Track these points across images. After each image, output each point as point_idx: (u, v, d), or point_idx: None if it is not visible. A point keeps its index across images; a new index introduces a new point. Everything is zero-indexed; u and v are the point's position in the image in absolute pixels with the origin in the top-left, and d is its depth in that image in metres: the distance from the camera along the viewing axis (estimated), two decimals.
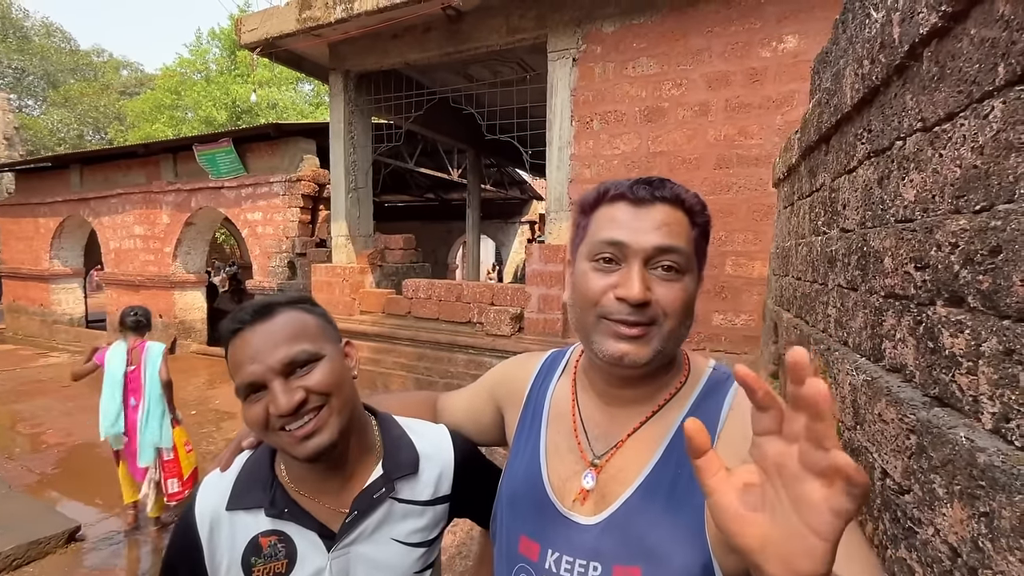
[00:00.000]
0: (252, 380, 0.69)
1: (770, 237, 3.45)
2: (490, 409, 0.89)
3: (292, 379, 0.70)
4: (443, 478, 0.84)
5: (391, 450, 0.82)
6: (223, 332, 0.74)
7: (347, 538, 0.75)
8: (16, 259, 10.77)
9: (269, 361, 0.69)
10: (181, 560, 0.76)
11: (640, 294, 0.61)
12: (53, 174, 10.11)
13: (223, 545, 0.74)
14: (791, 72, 3.42)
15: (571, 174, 4.27)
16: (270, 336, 0.71)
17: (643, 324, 0.63)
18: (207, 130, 13.93)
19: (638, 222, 0.64)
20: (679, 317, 0.64)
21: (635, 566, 0.61)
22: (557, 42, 4.23)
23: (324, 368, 0.72)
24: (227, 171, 7.88)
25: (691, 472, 0.62)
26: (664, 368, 0.70)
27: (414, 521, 0.80)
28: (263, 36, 5.13)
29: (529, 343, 4.38)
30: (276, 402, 0.68)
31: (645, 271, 0.63)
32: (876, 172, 1.11)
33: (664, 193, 0.65)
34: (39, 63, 26.47)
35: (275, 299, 0.76)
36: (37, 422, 5.55)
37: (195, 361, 8.32)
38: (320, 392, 0.71)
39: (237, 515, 0.75)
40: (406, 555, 0.79)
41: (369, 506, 0.77)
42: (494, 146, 8.06)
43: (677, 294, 0.63)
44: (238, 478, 0.78)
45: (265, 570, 0.73)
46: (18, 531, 3.17)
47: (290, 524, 0.74)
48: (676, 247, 0.63)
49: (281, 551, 0.74)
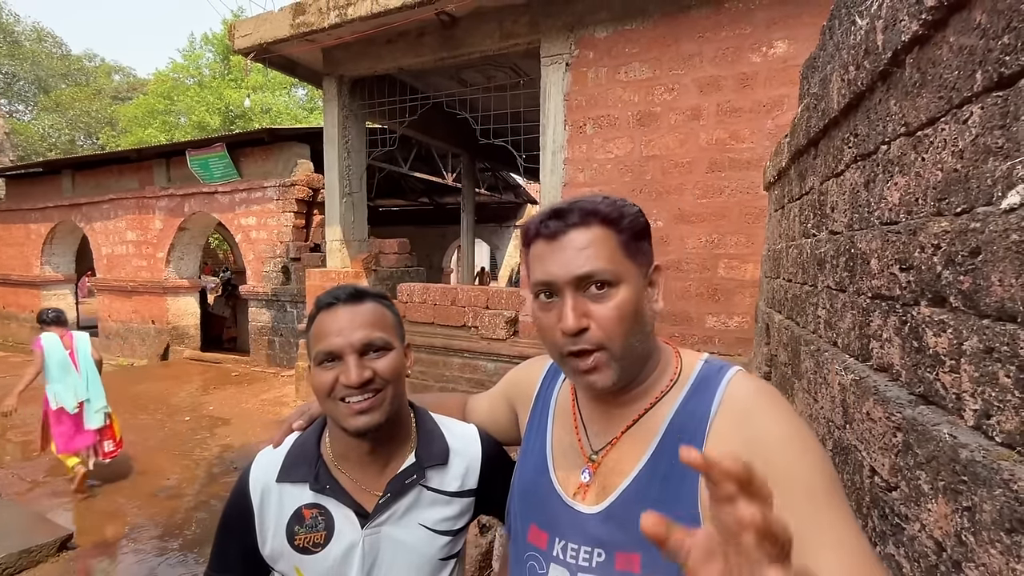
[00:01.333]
0: (332, 349, 0.78)
1: (762, 240, 3.48)
2: (506, 410, 0.95)
3: (365, 359, 0.79)
4: (470, 472, 0.90)
5: (424, 441, 0.89)
6: (318, 304, 0.83)
7: (379, 518, 0.82)
8: (6, 265, 10.68)
9: (351, 338, 0.79)
10: (235, 521, 0.85)
11: (572, 324, 0.64)
12: (44, 180, 10.05)
13: (271, 512, 0.83)
14: (781, 77, 3.46)
15: (565, 178, 4.29)
16: (356, 317, 0.81)
17: (591, 351, 0.65)
18: (200, 135, 13.87)
19: (556, 255, 0.67)
20: (622, 330, 0.65)
21: (635, 552, 0.65)
22: (550, 47, 4.27)
23: (391, 358, 0.82)
24: (221, 176, 7.86)
25: (683, 465, 0.65)
26: (650, 370, 0.72)
27: (441, 510, 0.87)
28: (257, 41, 5.13)
29: (524, 347, 4.39)
30: (348, 373, 0.77)
31: (579, 297, 0.65)
32: (863, 175, 1.13)
33: (572, 220, 0.67)
34: (30, 68, 26.30)
35: (366, 288, 0.86)
36: (27, 429, 5.48)
37: (188, 367, 8.27)
38: (383, 377, 0.80)
39: (285, 487, 0.84)
40: (432, 541, 0.85)
41: (401, 490, 0.84)
42: (488, 150, 8.10)
43: (611, 311, 0.65)
44: (288, 454, 0.87)
45: (306, 539, 0.81)
46: (9, 539, 3.14)
47: (330, 500, 0.82)
48: (595, 270, 0.65)
49: (321, 523, 0.82)
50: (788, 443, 0.62)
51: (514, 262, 13.93)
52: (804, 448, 0.61)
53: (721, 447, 0.64)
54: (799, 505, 0.58)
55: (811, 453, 0.61)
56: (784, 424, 0.63)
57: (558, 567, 0.70)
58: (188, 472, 4.48)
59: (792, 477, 0.60)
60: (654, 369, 0.73)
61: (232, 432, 5.42)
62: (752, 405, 0.66)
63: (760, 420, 0.64)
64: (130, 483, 4.26)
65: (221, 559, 0.88)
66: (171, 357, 8.79)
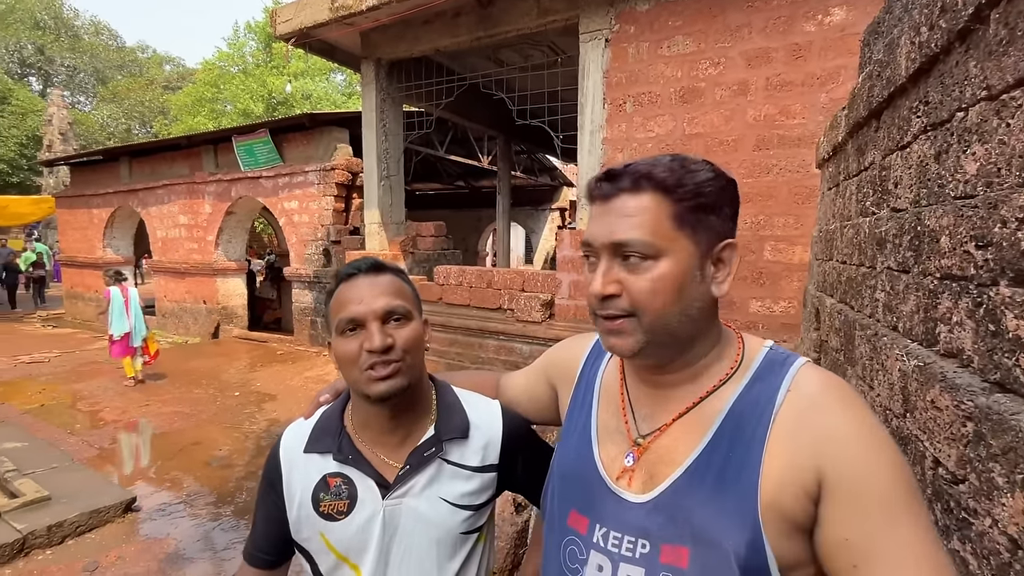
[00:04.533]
0: (354, 316, 0.80)
1: (812, 221, 3.31)
2: (545, 388, 0.93)
3: (386, 327, 0.81)
4: (490, 447, 0.90)
5: (444, 414, 0.90)
6: (338, 275, 0.86)
7: (400, 489, 0.84)
8: (73, 248, 11.41)
9: (374, 305, 0.81)
10: (267, 490, 0.90)
11: (598, 288, 0.64)
12: (104, 167, 10.62)
13: (298, 479, 0.86)
14: (837, 47, 3.25)
15: (603, 158, 4.19)
16: (377, 286, 0.83)
17: (617, 316, 0.64)
18: (245, 122, 14.31)
19: (601, 218, 0.65)
20: (654, 304, 0.62)
21: (683, 546, 0.61)
22: (589, 23, 4.14)
23: (411, 328, 0.84)
24: (264, 161, 8.10)
25: (742, 455, 0.62)
26: (705, 351, 0.68)
27: (462, 484, 0.87)
28: (297, 26, 5.21)
29: (560, 330, 4.37)
30: (371, 339, 0.79)
31: (613, 264, 0.64)
32: (933, 147, 1.04)
33: (623, 183, 0.64)
34: (89, 61, 27.70)
35: (384, 262, 0.88)
36: (95, 400, 5.91)
37: (237, 345, 8.67)
38: (402, 347, 0.81)
39: (311, 457, 0.87)
40: (452, 515, 0.86)
41: (420, 462, 0.85)
42: (525, 132, 8.00)
43: (643, 283, 0.62)
44: (315, 426, 0.90)
45: (330, 506, 0.84)
46: (81, 501, 3.40)
47: (353, 470, 0.85)
48: (630, 240, 0.62)
49: (344, 492, 0.84)
50: (862, 444, 0.57)
51: (549, 246, 13.84)
52: (880, 450, 0.57)
53: (786, 442, 0.60)
54: (873, 515, 0.55)
55: (887, 456, 0.57)
56: (857, 422, 0.58)
57: (599, 554, 0.67)
58: (238, 444, 4.72)
59: (866, 483, 0.55)
60: (708, 352, 0.68)
61: (278, 407, 5.67)
62: (822, 399, 0.61)
63: (831, 416, 0.59)
64: (186, 453, 4.53)
65: (257, 530, 0.92)
66: (221, 336, 9.23)
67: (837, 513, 0.56)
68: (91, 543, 3.17)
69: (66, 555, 3.04)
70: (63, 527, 3.16)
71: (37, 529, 3.07)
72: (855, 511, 0.55)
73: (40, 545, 3.06)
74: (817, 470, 0.57)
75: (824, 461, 0.57)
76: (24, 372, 7.07)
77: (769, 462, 0.59)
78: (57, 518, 3.17)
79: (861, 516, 0.55)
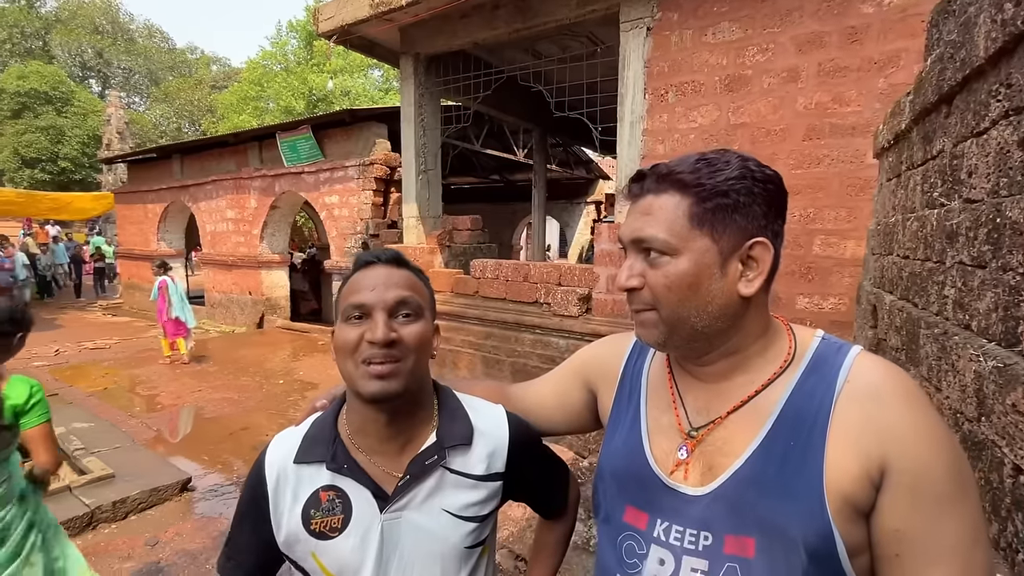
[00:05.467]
0: (362, 302, 0.76)
1: (867, 213, 3.16)
2: (580, 392, 0.90)
3: (394, 320, 0.76)
4: (496, 455, 0.84)
5: (446, 421, 0.84)
6: (356, 262, 0.82)
7: (399, 501, 0.78)
8: (130, 241, 12.06)
9: (384, 295, 0.76)
10: (249, 507, 0.83)
11: (622, 281, 0.68)
12: (158, 164, 11.15)
13: (287, 496, 0.80)
14: (898, 29, 3.07)
15: (643, 150, 4.11)
16: (392, 277, 0.79)
17: (641, 310, 0.68)
18: (287, 119, 14.72)
19: (630, 217, 0.69)
20: (670, 299, 0.65)
21: (749, 536, 0.62)
22: (630, 11, 4.05)
23: (420, 326, 0.78)
24: (307, 157, 8.32)
25: (804, 445, 0.62)
26: (751, 341, 0.68)
27: (466, 494, 0.81)
28: (339, 24, 5.31)
29: (597, 324, 4.33)
30: (375, 329, 0.73)
31: (638, 259, 0.68)
32: (1016, 133, 0.97)
33: (648, 184, 0.68)
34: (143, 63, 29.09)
35: (407, 260, 0.85)
36: (151, 385, 6.25)
37: (280, 335, 8.98)
38: (407, 345, 0.76)
39: (302, 469, 0.80)
40: (456, 528, 0.80)
41: (421, 472, 0.79)
42: (561, 124, 7.93)
43: (659, 279, 0.65)
44: (306, 434, 0.83)
45: (322, 523, 0.77)
46: (142, 479, 3.61)
47: (348, 480, 0.78)
48: (646, 237, 0.65)
49: (338, 506, 0.78)
50: (921, 437, 0.57)
51: (584, 239, 13.71)
52: (939, 444, 0.57)
53: (848, 431, 0.60)
54: (923, 509, 0.56)
55: (946, 451, 0.57)
56: (917, 414, 0.59)
57: (660, 549, 0.68)
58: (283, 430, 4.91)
59: (922, 477, 0.56)
60: (751, 345, 0.69)
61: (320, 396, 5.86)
62: (881, 389, 0.60)
63: (890, 407, 0.59)
64: (235, 438, 4.74)
65: (234, 545, 0.85)
66: (265, 326, 9.58)
67: (894, 503, 0.57)
68: (151, 519, 3.37)
69: (129, 529, 3.25)
70: (126, 503, 3.37)
71: (103, 504, 3.28)
72: (909, 503, 0.57)
73: (106, 519, 3.28)
74: (881, 459, 0.58)
75: (889, 451, 0.58)
76: (89, 357, 7.55)
77: (832, 451, 0.60)
78: (121, 495, 3.39)
79: (913, 509, 0.56)
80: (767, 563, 0.60)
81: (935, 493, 0.56)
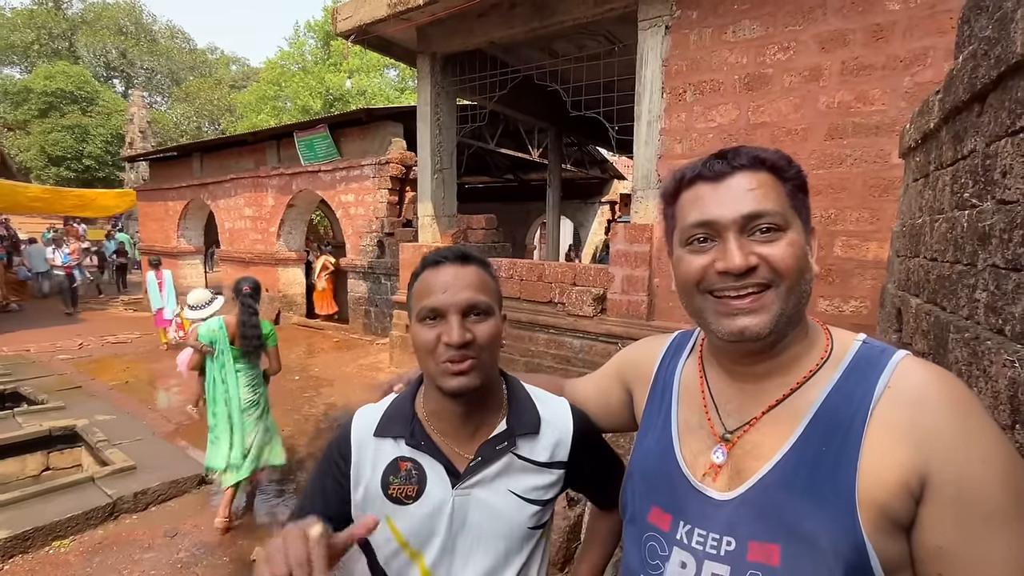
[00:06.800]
0: (436, 306, 0.79)
1: (890, 215, 3.10)
2: (619, 391, 0.92)
3: (466, 320, 0.80)
4: (560, 445, 0.89)
5: (516, 409, 0.89)
6: (424, 260, 0.85)
7: (470, 480, 0.83)
8: (152, 238, 12.30)
9: (457, 297, 0.79)
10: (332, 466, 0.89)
11: (741, 261, 0.61)
12: (178, 162, 11.36)
13: (367, 462, 0.86)
14: (925, 26, 3.00)
15: (660, 150, 4.08)
16: (463, 278, 0.81)
17: (754, 292, 0.61)
18: (304, 118, 14.90)
19: (721, 196, 0.64)
20: (793, 273, 0.61)
21: (774, 543, 0.59)
22: (648, 9, 4.02)
23: (491, 324, 0.82)
24: (323, 156, 8.40)
25: (837, 449, 0.59)
26: (795, 341, 0.66)
27: (531, 478, 0.86)
28: (357, 23, 5.35)
29: (611, 325, 4.31)
30: (450, 332, 0.78)
31: (743, 239, 0.62)
32: None
33: (740, 161, 0.64)
34: (165, 63, 29.62)
35: (472, 252, 0.87)
36: (170, 378, 6.36)
37: (296, 332, 9.08)
38: (481, 343, 0.80)
39: (381, 441, 0.87)
40: (521, 509, 0.85)
41: (492, 455, 0.84)
42: (577, 124, 7.90)
43: (784, 249, 0.61)
44: (386, 412, 0.90)
45: (399, 489, 0.83)
46: (162, 471, 3.68)
47: (424, 456, 0.84)
48: (766, 210, 0.62)
49: (414, 476, 0.84)
50: (970, 446, 0.53)
51: (598, 239, 13.64)
52: (991, 455, 0.53)
53: (885, 438, 0.57)
54: (970, 524, 0.51)
55: (1001, 463, 0.52)
56: (968, 421, 0.54)
57: (682, 551, 0.67)
58: (299, 426, 4.96)
59: (969, 490, 0.52)
60: (797, 343, 0.66)
61: (335, 392, 5.91)
62: (926, 393, 0.57)
63: (934, 413, 0.55)
64: None
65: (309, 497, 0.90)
66: (281, 322, 9.70)
67: (935, 517, 0.53)
68: (171, 511, 3.43)
69: (149, 520, 3.31)
70: (147, 494, 3.44)
71: (125, 495, 3.35)
72: (953, 518, 0.52)
73: (127, 510, 3.34)
74: (921, 469, 0.54)
75: (930, 459, 0.54)
76: (111, 351, 7.72)
77: (868, 457, 0.57)
78: (142, 486, 3.45)
79: (958, 525, 0.52)
80: (792, 574, 0.57)
81: (984, 509, 0.51)
